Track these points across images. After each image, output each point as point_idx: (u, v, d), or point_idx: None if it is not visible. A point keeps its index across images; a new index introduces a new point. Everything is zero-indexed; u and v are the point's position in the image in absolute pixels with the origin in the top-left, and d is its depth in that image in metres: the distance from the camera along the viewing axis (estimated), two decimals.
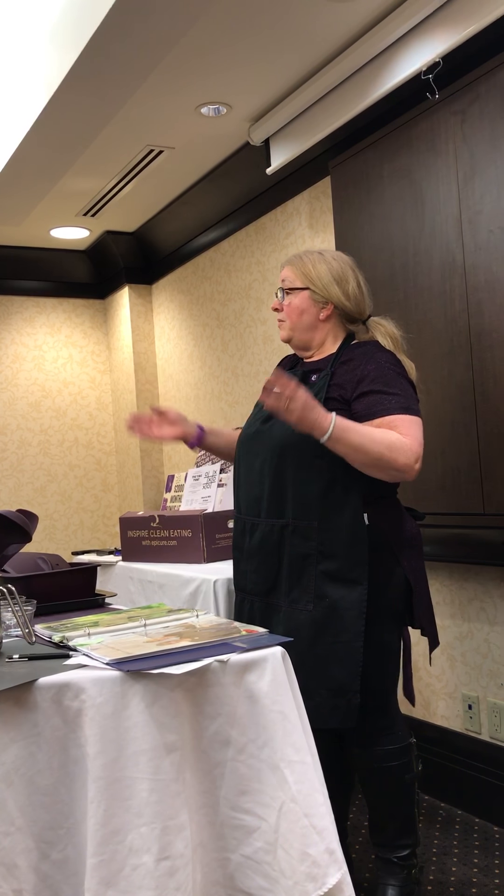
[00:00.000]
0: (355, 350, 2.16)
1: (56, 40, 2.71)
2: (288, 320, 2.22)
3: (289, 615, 2.08)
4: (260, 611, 2.16)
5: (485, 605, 2.77)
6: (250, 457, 2.22)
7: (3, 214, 4.00)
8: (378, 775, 2.14)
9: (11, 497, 4.91)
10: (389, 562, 2.09)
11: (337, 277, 2.19)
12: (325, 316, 2.20)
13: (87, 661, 1.50)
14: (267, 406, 1.92)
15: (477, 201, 2.52)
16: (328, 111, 3.04)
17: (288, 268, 2.23)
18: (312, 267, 2.19)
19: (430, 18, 2.57)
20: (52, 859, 1.40)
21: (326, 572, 2.04)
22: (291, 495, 2.09)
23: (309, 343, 2.24)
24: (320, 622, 2.03)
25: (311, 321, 2.21)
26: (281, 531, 2.11)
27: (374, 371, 2.07)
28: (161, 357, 4.96)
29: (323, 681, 2.02)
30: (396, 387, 2.05)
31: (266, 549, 2.14)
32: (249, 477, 2.22)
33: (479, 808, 2.79)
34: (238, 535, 2.27)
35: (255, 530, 2.17)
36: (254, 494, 2.20)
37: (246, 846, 1.47)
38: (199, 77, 3.00)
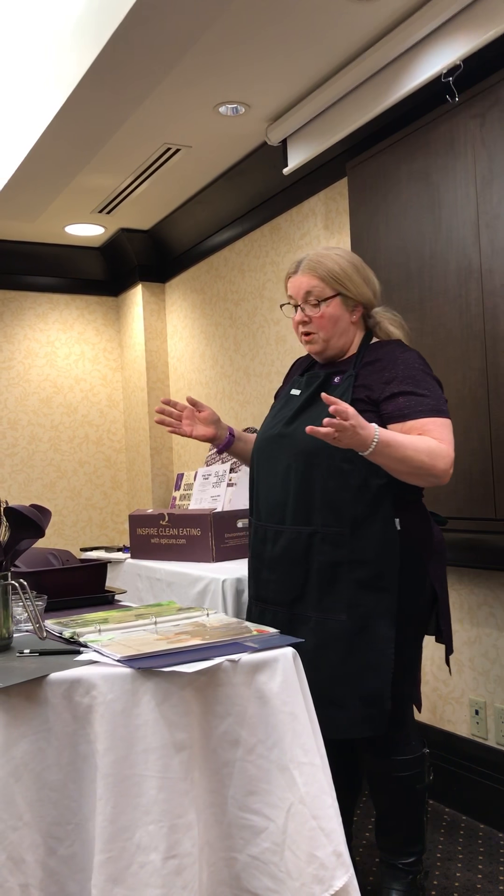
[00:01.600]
0: (379, 350, 2.10)
1: (76, 38, 2.72)
2: (322, 332, 2.10)
3: (320, 625, 2.00)
4: (284, 622, 2.06)
5: (494, 611, 2.76)
6: (271, 461, 2.13)
7: (18, 210, 4.01)
8: (390, 784, 2.11)
9: (21, 492, 4.92)
10: (417, 569, 2.04)
11: (364, 276, 2.12)
12: (356, 318, 2.14)
13: (98, 657, 1.50)
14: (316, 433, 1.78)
15: (495, 205, 2.51)
16: (346, 112, 3.04)
17: (308, 276, 2.09)
18: (341, 270, 2.08)
19: (450, 21, 2.56)
20: (59, 855, 1.40)
21: (359, 581, 1.98)
22: (320, 502, 2.01)
23: (343, 350, 2.14)
24: (354, 631, 1.98)
25: (344, 327, 2.12)
26: (309, 539, 2.02)
27: (403, 371, 2.01)
28: (173, 355, 4.96)
29: (357, 690, 1.97)
30: (426, 387, 1.99)
31: (291, 557, 2.05)
32: (270, 482, 2.13)
33: (484, 813, 2.78)
34: (257, 542, 2.17)
35: (279, 538, 2.08)
36: (276, 500, 2.10)
37: (253, 846, 1.47)
38: (217, 76, 3.00)
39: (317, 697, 1.97)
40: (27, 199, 3.85)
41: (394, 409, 1.98)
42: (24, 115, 3.27)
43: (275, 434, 2.13)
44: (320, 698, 1.97)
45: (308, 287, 2.08)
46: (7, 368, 4.93)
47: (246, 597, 2.56)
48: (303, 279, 2.10)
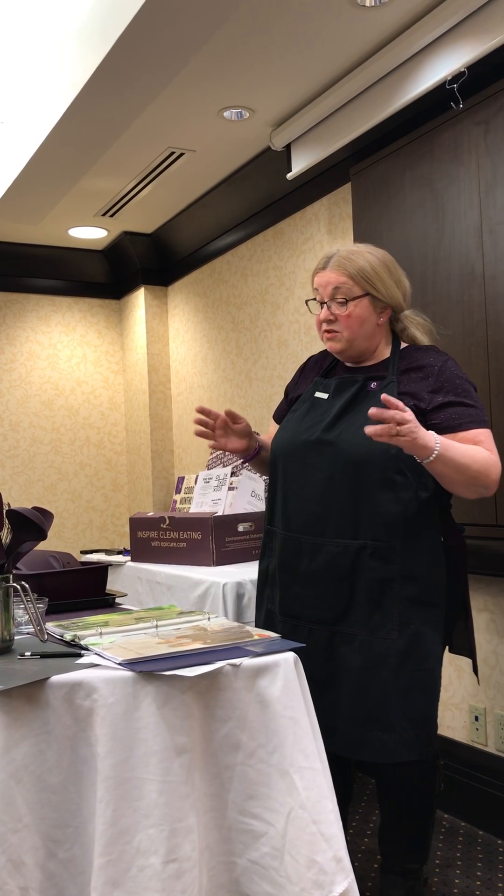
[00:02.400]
0: (418, 356, 2.03)
1: (82, 41, 2.72)
2: (347, 331, 2.02)
3: (368, 644, 1.92)
4: (324, 640, 1.96)
5: (494, 617, 2.76)
6: (307, 468, 2.01)
7: (22, 213, 4.02)
8: (401, 792, 2.08)
9: (22, 494, 4.92)
10: (453, 580, 2.01)
11: (395, 277, 2.05)
12: (384, 321, 2.06)
13: (100, 660, 1.50)
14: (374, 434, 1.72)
15: (498, 212, 2.52)
16: (351, 118, 3.05)
17: (338, 273, 2.00)
18: (372, 270, 2.00)
19: (455, 28, 2.57)
20: (58, 858, 1.40)
21: (410, 598, 1.91)
22: (369, 514, 1.92)
23: (367, 352, 2.07)
24: (405, 651, 1.91)
25: (371, 329, 2.04)
26: (356, 553, 1.93)
27: (449, 381, 1.96)
28: (175, 359, 4.97)
29: (406, 711, 1.91)
30: (472, 398, 1.95)
31: (335, 573, 1.95)
32: (306, 491, 2.01)
33: (483, 820, 2.78)
34: (289, 556, 2.05)
35: (319, 552, 1.97)
36: (313, 511, 1.99)
37: (253, 851, 1.46)
38: (222, 81, 3.01)
39: (362, 720, 1.92)
40: (31, 202, 3.86)
41: (444, 420, 1.92)
42: (29, 119, 3.28)
43: (311, 440, 2.01)
44: (367, 721, 1.92)
45: (336, 284, 2.00)
46: (9, 370, 4.94)
47: (247, 600, 2.56)
48: (331, 275, 2.01)
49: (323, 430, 2.00)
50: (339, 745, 1.96)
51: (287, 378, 3.86)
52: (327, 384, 2.11)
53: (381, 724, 1.91)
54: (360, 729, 1.93)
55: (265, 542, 2.18)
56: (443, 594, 1.96)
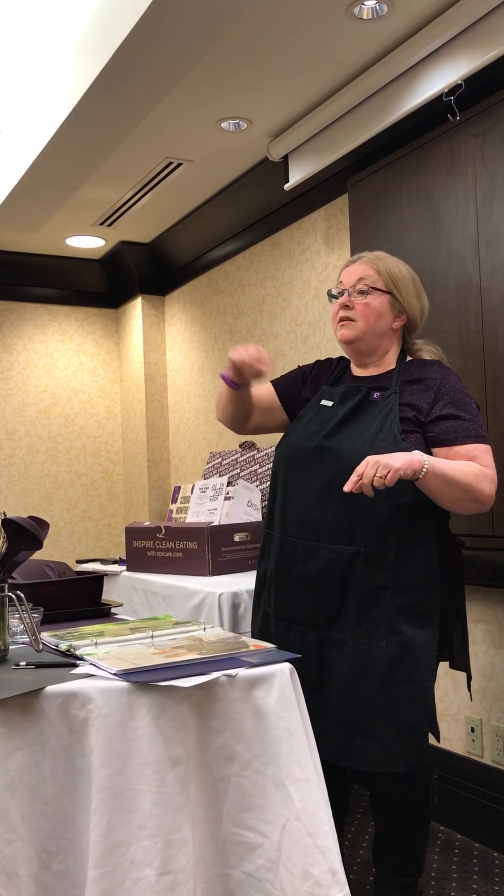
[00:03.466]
0: (421, 369, 2.05)
1: (81, 52, 2.73)
2: (362, 320, 2.04)
3: (357, 650, 1.93)
4: (315, 644, 1.98)
5: (490, 628, 2.75)
6: (307, 474, 2.03)
7: (20, 222, 4.02)
8: (395, 805, 2.08)
9: (18, 503, 4.91)
10: (448, 595, 2.00)
11: (417, 289, 2.09)
12: (398, 326, 2.09)
13: (95, 670, 1.50)
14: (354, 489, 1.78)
15: (495, 223, 2.53)
16: (348, 129, 3.06)
17: (366, 266, 2.07)
18: (399, 273, 2.06)
19: (452, 41, 2.59)
20: (52, 870, 1.39)
21: (401, 607, 1.91)
22: (365, 522, 1.94)
23: (374, 350, 2.10)
24: (393, 660, 1.90)
25: (385, 328, 2.07)
26: (350, 559, 1.95)
27: (449, 394, 1.98)
28: (172, 368, 4.97)
29: (393, 722, 1.90)
30: (470, 412, 1.96)
31: (328, 577, 1.96)
32: (304, 497, 2.03)
33: (479, 832, 2.77)
34: (284, 559, 2.07)
35: (313, 556, 1.99)
36: (311, 516, 2.01)
37: (248, 863, 1.46)
38: (220, 92, 3.02)
39: (348, 726, 1.92)
40: (29, 211, 3.86)
41: (440, 433, 1.95)
42: (28, 128, 3.29)
43: (312, 446, 2.04)
44: (352, 727, 1.92)
45: (362, 274, 2.06)
46: (5, 379, 4.93)
47: (243, 610, 2.55)
48: (361, 267, 2.08)
49: (323, 437, 2.02)
50: (326, 751, 1.94)
51: None
52: (333, 393, 2.13)
53: (365, 733, 1.91)
54: (345, 735, 1.93)
55: (263, 546, 2.20)
56: (437, 606, 1.94)
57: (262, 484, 3.40)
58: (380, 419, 1.99)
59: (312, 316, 3.65)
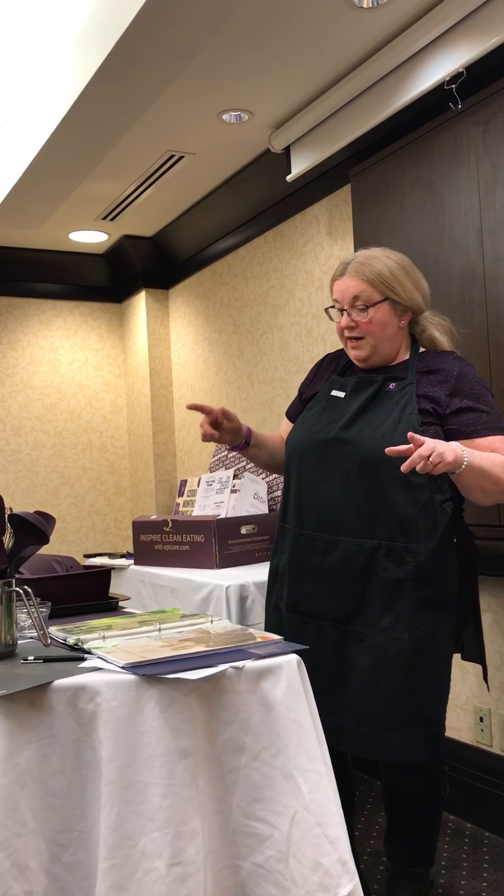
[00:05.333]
0: (437, 360, 2.03)
1: (81, 45, 2.73)
2: (370, 337, 2.01)
3: (378, 644, 1.92)
4: (332, 638, 1.96)
5: (498, 618, 2.75)
6: (325, 466, 2.00)
7: (23, 217, 4.02)
8: (407, 796, 2.08)
9: (25, 498, 4.92)
10: (464, 584, 2.01)
11: (414, 279, 2.04)
12: (405, 323, 2.06)
13: (103, 664, 1.50)
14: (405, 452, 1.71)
15: (498, 212, 2.52)
16: (350, 119, 3.05)
17: (357, 281, 1.99)
18: (391, 274, 1.99)
19: (454, 29, 2.57)
20: (63, 862, 1.40)
21: (422, 599, 1.91)
22: (386, 514, 1.91)
23: (391, 356, 2.06)
24: (416, 651, 1.90)
25: (393, 332, 2.03)
26: (372, 552, 1.92)
27: (467, 386, 1.96)
28: (176, 362, 4.97)
29: (415, 712, 1.91)
30: (488, 403, 1.94)
31: (350, 571, 1.94)
32: (321, 489, 2.00)
33: (489, 821, 2.77)
34: (300, 552, 2.04)
35: (332, 549, 1.97)
36: (329, 509, 1.98)
37: (258, 854, 1.46)
38: (221, 84, 3.01)
39: (371, 719, 1.92)
40: (32, 207, 3.86)
41: (460, 426, 1.93)
42: (29, 123, 3.29)
43: (330, 438, 2.00)
44: (375, 720, 1.91)
45: (356, 291, 1.99)
46: (11, 375, 4.94)
47: (250, 603, 2.56)
48: (350, 282, 2.00)
49: (340, 428, 1.99)
50: (347, 744, 1.96)
51: (288, 379, 3.86)
52: (344, 382, 2.09)
53: (389, 724, 1.91)
54: (368, 728, 1.93)
55: (277, 538, 2.18)
56: (455, 597, 1.95)
57: (267, 476, 3.40)
58: (398, 410, 1.96)
59: (316, 307, 3.64)
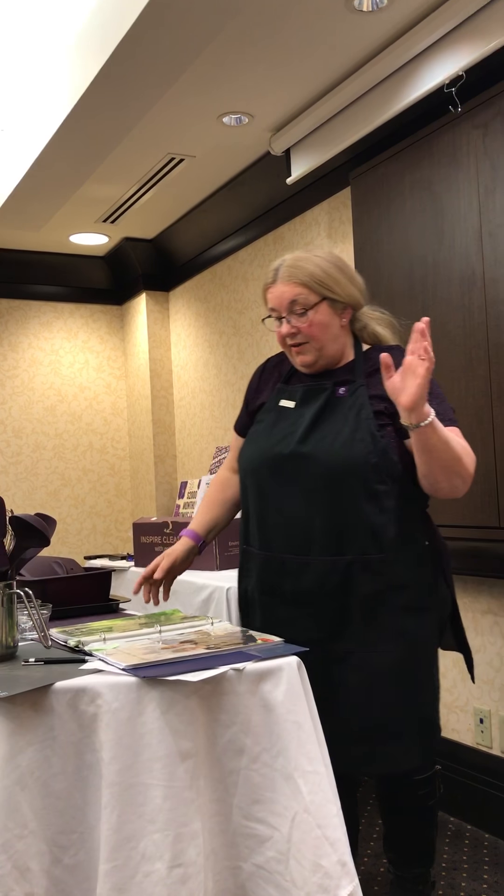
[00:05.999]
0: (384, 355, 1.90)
1: (81, 48, 2.74)
2: (314, 341, 1.92)
3: (364, 661, 1.85)
4: (315, 660, 1.74)
5: (498, 619, 2.76)
6: (284, 484, 1.91)
7: (23, 220, 4.03)
8: (404, 803, 2.06)
9: (25, 500, 4.93)
10: (439, 581, 1.96)
11: (347, 274, 1.95)
12: (346, 321, 1.97)
13: (104, 666, 1.51)
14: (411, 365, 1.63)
15: (498, 214, 2.52)
16: (350, 122, 3.05)
17: (290, 285, 1.91)
18: (324, 272, 1.91)
19: (453, 32, 2.58)
20: (64, 864, 1.40)
21: (403, 606, 1.87)
22: (356, 528, 1.84)
23: (336, 357, 1.97)
24: (405, 660, 1.86)
25: (336, 332, 1.95)
26: (346, 569, 1.84)
27: None
28: (177, 364, 4.97)
29: (412, 719, 1.88)
30: (437, 396, 1.86)
31: (326, 591, 1.86)
32: (284, 508, 1.91)
33: (489, 823, 2.77)
34: (269, 576, 1.95)
35: (305, 570, 1.88)
36: (296, 529, 1.89)
37: (258, 855, 1.47)
38: (221, 86, 3.02)
39: (368, 734, 1.86)
40: (32, 209, 3.87)
41: None
42: (30, 126, 3.29)
43: (287, 453, 1.90)
44: (372, 735, 1.87)
45: (292, 296, 1.90)
46: (12, 377, 4.95)
47: None
48: (284, 288, 1.92)
49: (297, 442, 1.90)
50: (348, 764, 1.88)
51: None
52: (292, 391, 2.00)
53: (386, 736, 1.87)
54: (368, 744, 1.88)
55: (242, 562, 2.07)
56: (433, 597, 1.93)
57: None
58: (352, 417, 1.88)
59: None
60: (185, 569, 2.11)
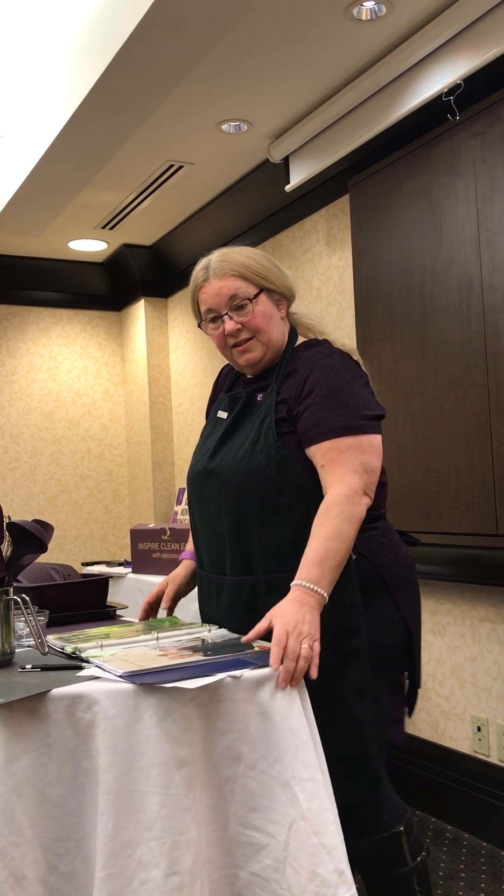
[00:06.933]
0: (301, 355, 1.81)
1: (81, 55, 2.74)
2: (260, 334, 1.79)
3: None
4: None
5: (496, 627, 2.75)
6: (203, 502, 1.84)
7: (22, 226, 4.04)
8: (367, 868, 1.78)
9: (23, 507, 4.92)
10: (382, 601, 1.75)
11: (274, 264, 1.84)
12: (285, 312, 1.85)
13: (100, 672, 1.50)
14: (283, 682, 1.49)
15: (496, 222, 2.53)
16: (348, 130, 3.06)
17: (225, 280, 1.78)
18: (256, 263, 1.80)
19: (452, 41, 2.59)
20: (60, 871, 1.40)
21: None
22: (258, 547, 1.72)
23: (280, 351, 1.84)
24: (317, 690, 1.62)
25: (278, 323, 1.82)
26: (252, 590, 1.75)
27: (316, 380, 1.72)
28: (175, 370, 4.98)
29: (336, 752, 1.65)
30: (340, 398, 1.69)
31: (236, 612, 1.76)
32: (205, 526, 1.85)
33: (486, 831, 2.77)
34: (203, 597, 1.91)
35: (221, 590, 1.81)
36: (214, 548, 1.82)
37: (255, 863, 1.46)
38: (220, 94, 3.03)
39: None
40: (31, 215, 3.87)
41: (300, 433, 1.72)
42: (29, 132, 3.30)
43: (200, 470, 1.85)
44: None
45: (230, 290, 1.78)
46: (10, 383, 4.95)
47: None
48: (220, 284, 1.79)
49: (208, 458, 1.83)
50: None
51: None
52: (224, 400, 1.92)
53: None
54: None
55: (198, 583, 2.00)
56: (360, 618, 1.70)
57: None
58: (257, 426, 1.77)
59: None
60: (189, 591, 2.03)
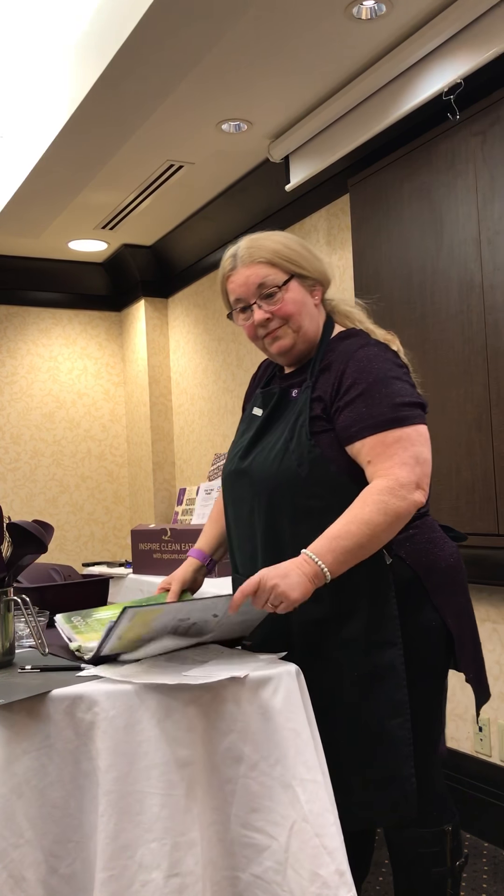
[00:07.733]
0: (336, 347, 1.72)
1: (81, 56, 2.74)
2: (291, 320, 1.70)
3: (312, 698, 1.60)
4: None
5: (497, 627, 2.75)
6: (237, 503, 1.77)
7: (22, 226, 4.03)
8: (405, 860, 1.78)
9: (24, 507, 4.92)
10: (420, 606, 1.67)
11: (310, 250, 1.75)
12: (319, 299, 1.76)
13: (101, 672, 1.50)
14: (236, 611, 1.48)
15: (496, 222, 2.53)
16: (349, 129, 3.06)
17: (253, 267, 1.69)
18: (286, 248, 1.71)
19: (452, 40, 2.58)
20: (60, 873, 1.39)
21: (350, 638, 1.63)
22: (290, 549, 1.61)
23: (314, 341, 1.75)
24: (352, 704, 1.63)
25: (312, 310, 1.73)
26: None
27: (353, 374, 1.63)
28: (175, 370, 4.97)
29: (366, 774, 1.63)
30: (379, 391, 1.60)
31: (270, 617, 1.63)
32: (239, 529, 1.78)
33: (488, 831, 2.76)
34: None
35: None
36: (248, 550, 1.75)
37: (256, 865, 1.45)
38: (220, 94, 3.03)
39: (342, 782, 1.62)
40: (31, 216, 3.87)
41: (340, 430, 1.63)
42: (29, 132, 3.30)
43: (232, 470, 1.78)
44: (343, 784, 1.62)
45: (259, 278, 1.69)
46: (10, 383, 4.95)
47: None
48: (248, 272, 1.70)
49: (241, 456, 1.76)
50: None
51: None
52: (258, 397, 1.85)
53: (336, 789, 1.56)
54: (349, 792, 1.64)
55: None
56: (395, 626, 1.63)
57: None
58: (291, 424, 1.69)
59: None
60: (196, 589, 1.97)
